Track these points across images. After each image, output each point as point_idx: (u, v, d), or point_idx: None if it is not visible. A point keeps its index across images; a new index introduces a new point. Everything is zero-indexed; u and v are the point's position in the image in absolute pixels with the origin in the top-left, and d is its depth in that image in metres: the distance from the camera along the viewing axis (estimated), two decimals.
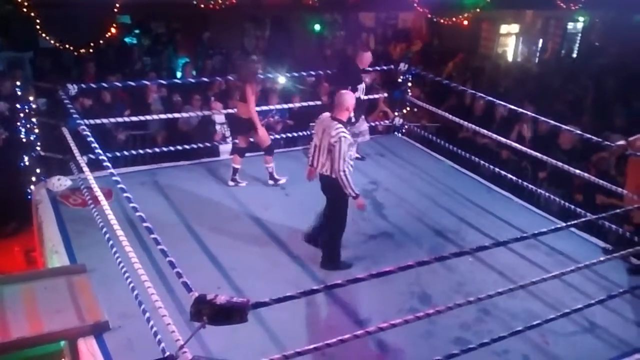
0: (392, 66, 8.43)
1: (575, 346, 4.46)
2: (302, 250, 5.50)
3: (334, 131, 4.91)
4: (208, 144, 7.57)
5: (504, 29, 15.28)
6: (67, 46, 9.66)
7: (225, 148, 8.01)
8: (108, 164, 4.71)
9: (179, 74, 10.79)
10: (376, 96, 9.01)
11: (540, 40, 15.70)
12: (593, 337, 4.51)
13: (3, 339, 3.86)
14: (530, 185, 6.83)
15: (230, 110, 8.12)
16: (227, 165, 7.19)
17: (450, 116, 7.82)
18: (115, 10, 9.69)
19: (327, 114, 5.15)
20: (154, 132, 8.51)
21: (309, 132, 8.10)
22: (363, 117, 7.47)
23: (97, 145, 4.98)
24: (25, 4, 8.90)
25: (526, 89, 10.99)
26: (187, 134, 8.16)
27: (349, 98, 5.06)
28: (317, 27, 13.73)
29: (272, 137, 7.95)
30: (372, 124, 8.63)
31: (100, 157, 4.81)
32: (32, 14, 9.06)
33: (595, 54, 14.60)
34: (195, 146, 7.73)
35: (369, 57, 7.06)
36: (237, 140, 6.90)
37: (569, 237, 5.94)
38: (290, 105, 8.67)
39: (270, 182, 6.74)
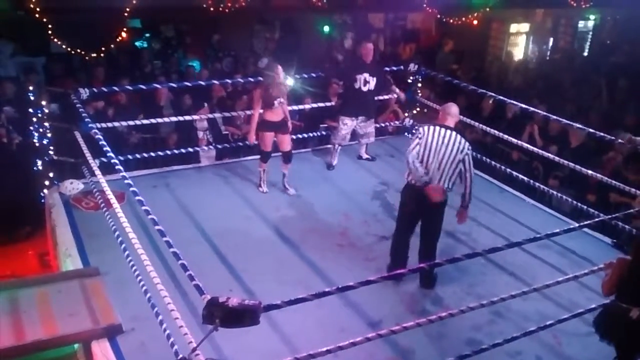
0: (402, 67, 8.41)
1: (588, 347, 4.42)
2: (314, 252, 5.51)
3: (460, 144, 4.81)
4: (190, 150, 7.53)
5: (513, 28, 15.18)
6: (78, 51, 9.73)
7: (208, 154, 7.95)
8: (120, 167, 4.75)
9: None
10: (387, 97, 8.99)
11: (551, 39, 15.60)
12: None
13: (18, 342, 3.90)
14: (542, 186, 6.79)
15: (217, 115, 8.14)
16: (238, 167, 7.23)
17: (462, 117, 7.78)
18: (126, 14, 9.75)
19: (432, 126, 4.91)
20: (165, 134, 8.54)
21: (319, 134, 8.11)
22: (372, 119, 7.48)
23: (109, 149, 5.01)
24: (37, 9, 8.98)
25: (536, 88, 10.93)
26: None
27: (455, 108, 5.03)
28: (326, 28, 13.72)
29: None
30: (383, 124, 8.63)
31: (112, 161, 4.84)
32: (44, 20, 9.13)
33: (606, 52, 14.49)
34: (206, 149, 7.79)
35: (367, 48, 7.06)
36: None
37: (582, 237, 5.90)
38: (301, 106, 8.67)
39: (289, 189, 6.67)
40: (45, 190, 6.39)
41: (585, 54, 15.58)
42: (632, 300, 3.71)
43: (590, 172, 6.11)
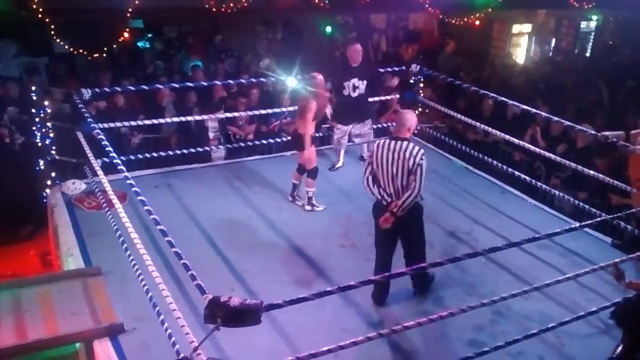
0: (404, 67, 8.41)
1: (591, 348, 4.42)
2: (315, 252, 5.51)
3: (410, 154, 4.50)
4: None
5: (515, 28, 15.17)
6: (80, 51, 9.76)
7: (218, 154, 7.98)
8: (122, 167, 4.76)
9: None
10: (388, 97, 9.00)
11: (553, 40, 15.58)
12: (610, 338, 4.45)
13: (20, 341, 3.91)
14: (543, 186, 6.79)
15: (228, 115, 8.15)
16: (240, 168, 7.25)
17: (462, 117, 7.79)
18: (128, 15, 9.78)
19: (382, 141, 4.66)
20: (167, 135, 8.56)
21: (321, 134, 8.10)
22: (369, 119, 7.43)
23: (111, 149, 5.02)
24: (40, 9, 9.00)
25: (538, 89, 10.92)
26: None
27: (410, 117, 4.69)
28: (328, 29, 13.74)
29: (284, 139, 8.01)
30: (385, 124, 8.63)
31: (115, 161, 4.85)
32: (47, 20, 9.16)
33: (608, 53, 14.47)
34: (208, 149, 7.80)
35: (354, 50, 6.88)
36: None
37: (583, 237, 5.89)
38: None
39: (307, 207, 6.36)
40: (48, 190, 6.41)
41: (588, 54, 15.56)
42: None
43: (592, 172, 6.11)
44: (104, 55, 10.03)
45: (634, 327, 3.80)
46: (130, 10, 9.67)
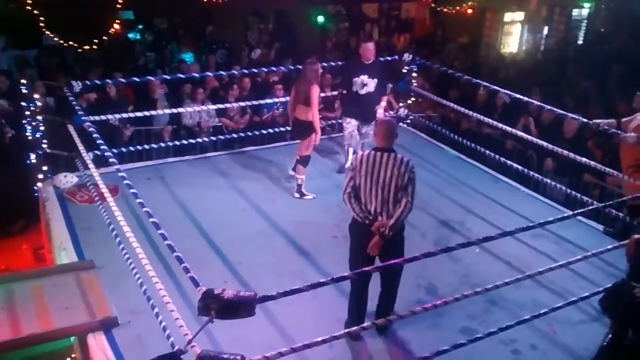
0: (397, 57, 8.40)
1: (583, 334, 4.46)
2: (309, 243, 5.52)
3: (401, 168, 4.10)
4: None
5: (508, 16, 15.14)
6: (70, 43, 9.67)
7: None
8: (114, 160, 4.73)
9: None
10: None
11: (546, 28, 15.56)
12: (601, 325, 4.48)
13: (14, 336, 3.90)
14: (536, 175, 6.81)
15: (220, 106, 8.13)
16: (233, 159, 7.23)
17: (455, 106, 7.80)
18: (118, 6, 9.69)
19: (370, 151, 4.22)
20: (159, 127, 8.52)
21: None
22: (373, 122, 7.32)
23: (102, 142, 4.99)
24: (28, 1, 8.91)
25: (531, 77, 10.92)
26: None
27: (396, 126, 4.38)
28: (320, 19, 13.68)
29: (277, 129, 7.99)
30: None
31: (107, 154, 4.83)
32: (36, 12, 9.06)
33: (600, 40, 14.47)
34: (200, 140, 7.79)
35: (366, 49, 6.72)
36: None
37: (575, 225, 5.92)
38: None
39: (296, 194, 6.40)
40: (39, 184, 6.37)
41: (580, 42, 15.54)
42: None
43: (584, 159, 6.14)
44: (95, 47, 9.94)
45: (621, 314, 3.83)
46: (120, 1, 9.59)
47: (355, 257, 4.28)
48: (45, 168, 6.39)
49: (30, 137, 6.42)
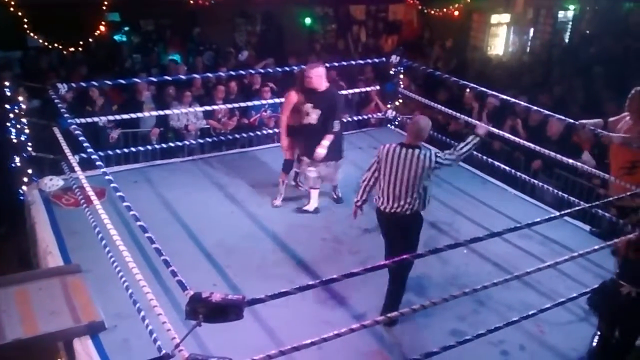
0: (384, 59, 8.41)
1: (570, 335, 4.48)
2: (297, 245, 5.50)
3: (423, 163, 4.37)
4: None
5: (494, 19, 15.26)
6: (55, 45, 9.60)
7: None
8: (100, 163, 4.69)
9: None
10: (368, 89, 9.01)
11: (532, 30, 15.68)
12: (589, 325, 4.52)
13: None
14: (523, 176, 6.85)
15: (208, 108, 8.09)
16: (221, 162, 7.19)
17: (443, 108, 7.82)
18: (104, 7, 9.63)
19: (396, 146, 4.47)
20: (146, 130, 8.47)
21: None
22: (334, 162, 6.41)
23: (88, 145, 4.94)
24: (12, 2, 8.82)
25: (517, 79, 10.99)
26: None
27: (428, 123, 4.62)
28: (307, 20, 13.69)
29: (264, 132, 7.97)
30: (365, 116, 8.64)
31: (93, 157, 4.78)
32: (19, 13, 8.98)
33: (586, 42, 14.60)
34: (187, 143, 7.75)
35: (316, 74, 5.79)
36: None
37: (562, 226, 5.95)
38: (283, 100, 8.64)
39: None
40: (24, 187, 6.29)
41: (566, 44, 15.67)
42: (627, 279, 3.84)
43: (571, 161, 6.18)
44: (80, 49, 9.87)
45: (609, 314, 3.87)
46: (106, 2, 9.54)
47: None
48: (30, 171, 6.31)
49: (14, 140, 6.35)
